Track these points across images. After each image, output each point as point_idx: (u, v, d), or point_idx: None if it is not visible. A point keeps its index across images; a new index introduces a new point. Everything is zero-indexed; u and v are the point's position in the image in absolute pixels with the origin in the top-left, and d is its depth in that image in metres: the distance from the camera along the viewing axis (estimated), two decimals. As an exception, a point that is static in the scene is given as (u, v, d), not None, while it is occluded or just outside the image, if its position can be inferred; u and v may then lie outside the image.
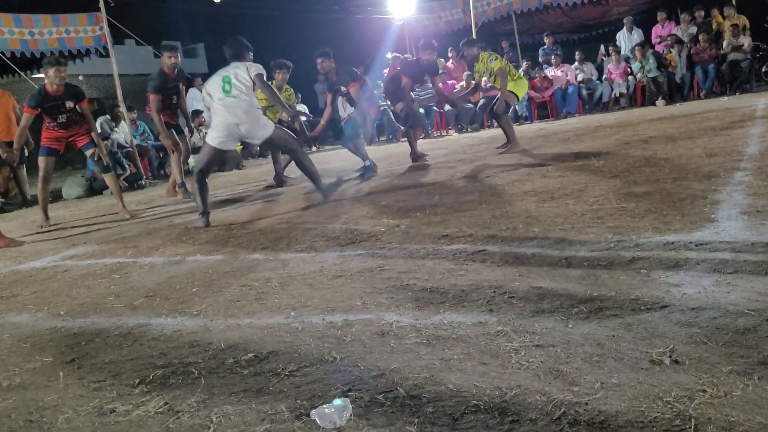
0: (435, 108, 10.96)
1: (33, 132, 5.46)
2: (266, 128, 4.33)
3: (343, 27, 15.23)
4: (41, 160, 5.33)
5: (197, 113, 9.90)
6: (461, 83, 10.58)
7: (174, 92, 6.04)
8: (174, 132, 6.16)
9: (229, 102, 4.17)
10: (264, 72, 4.31)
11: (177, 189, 6.25)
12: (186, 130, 6.54)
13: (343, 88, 5.97)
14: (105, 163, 5.34)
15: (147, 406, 1.53)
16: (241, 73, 4.23)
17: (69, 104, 5.12)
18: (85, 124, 5.27)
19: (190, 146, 9.83)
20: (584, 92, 10.79)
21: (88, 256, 3.66)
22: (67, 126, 5.21)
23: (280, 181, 6.27)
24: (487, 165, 5.35)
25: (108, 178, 5.38)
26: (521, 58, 12.46)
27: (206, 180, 4.30)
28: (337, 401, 1.39)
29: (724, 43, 9.74)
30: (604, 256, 2.27)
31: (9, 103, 7.34)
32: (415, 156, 6.65)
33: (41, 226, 5.27)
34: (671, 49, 10.20)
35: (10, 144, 6.86)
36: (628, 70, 10.58)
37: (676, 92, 10.20)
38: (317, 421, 1.34)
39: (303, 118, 6.72)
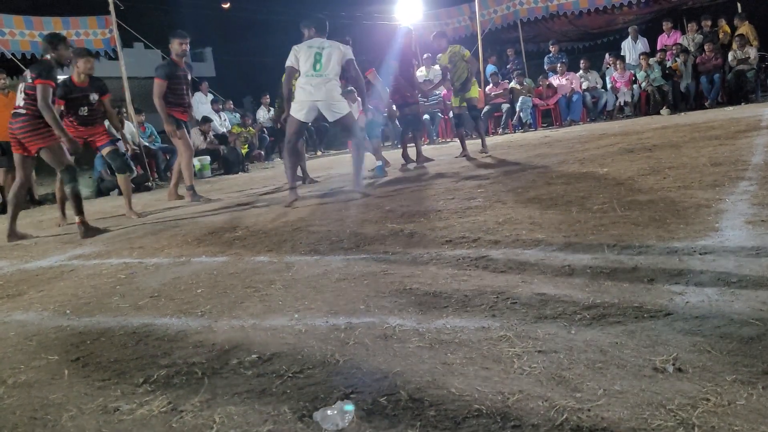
0: (440, 114, 10.99)
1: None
2: (342, 108, 4.65)
3: (350, 33, 15.29)
4: None
5: (206, 120, 9.96)
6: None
7: (184, 83, 5.84)
8: (185, 130, 5.96)
9: (315, 81, 4.52)
10: (354, 58, 4.69)
11: (187, 191, 6.12)
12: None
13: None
14: (125, 161, 5.39)
15: (150, 405, 1.54)
16: (334, 53, 4.55)
17: (93, 97, 5.16)
18: (103, 125, 5.33)
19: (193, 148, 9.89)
20: (589, 100, 10.81)
21: (95, 256, 3.68)
22: (87, 122, 5.21)
23: (305, 178, 6.35)
24: (491, 171, 5.35)
25: (121, 179, 5.40)
26: (526, 66, 12.50)
27: (296, 149, 4.79)
28: (348, 407, 1.40)
29: (730, 56, 9.73)
30: (608, 263, 2.27)
31: None
32: (420, 160, 6.70)
33: (59, 225, 5.31)
34: (677, 58, 10.21)
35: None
36: (633, 78, 10.59)
37: (681, 101, 10.20)
38: (319, 423, 1.34)
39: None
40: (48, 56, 4.51)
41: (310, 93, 4.54)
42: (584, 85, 10.86)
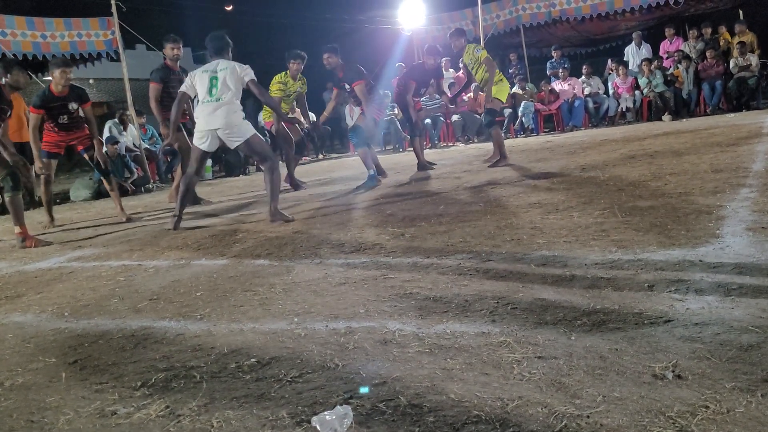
0: (442, 118, 11.01)
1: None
2: (244, 133, 4.29)
3: (352, 36, 15.35)
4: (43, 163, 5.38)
5: None
6: (470, 94, 10.62)
7: (179, 87, 5.81)
8: (184, 133, 6.01)
9: (211, 106, 4.21)
10: (255, 77, 4.28)
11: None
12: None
13: (347, 86, 5.90)
14: (104, 167, 5.36)
15: (148, 409, 1.53)
16: (230, 76, 4.21)
17: (72, 105, 5.15)
18: (86, 128, 5.29)
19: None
20: (591, 106, 10.81)
21: (94, 258, 3.68)
22: (68, 128, 5.22)
23: (295, 184, 6.32)
24: (493, 176, 5.35)
25: (106, 181, 5.40)
26: (529, 71, 12.51)
27: (193, 180, 4.48)
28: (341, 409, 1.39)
29: (731, 63, 9.75)
30: (608, 269, 2.27)
31: (20, 105, 7.41)
32: (422, 165, 6.68)
33: (46, 227, 5.31)
34: (678, 65, 10.22)
35: (21, 145, 6.91)
36: (635, 84, 10.60)
37: (682, 108, 10.20)
38: (318, 427, 1.34)
39: (305, 125, 6.79)
40: (2, 81, 4.49)
41: (208, 121, 4.23)
42: (586, 91, 10.86)
